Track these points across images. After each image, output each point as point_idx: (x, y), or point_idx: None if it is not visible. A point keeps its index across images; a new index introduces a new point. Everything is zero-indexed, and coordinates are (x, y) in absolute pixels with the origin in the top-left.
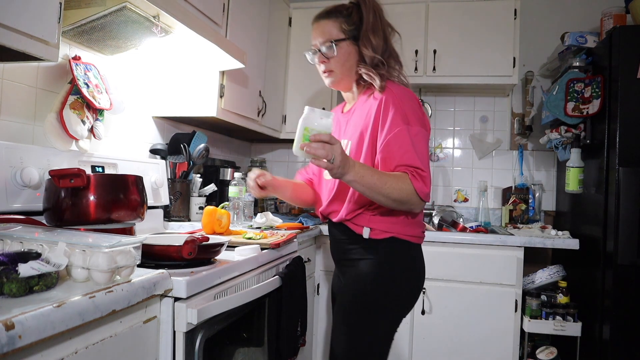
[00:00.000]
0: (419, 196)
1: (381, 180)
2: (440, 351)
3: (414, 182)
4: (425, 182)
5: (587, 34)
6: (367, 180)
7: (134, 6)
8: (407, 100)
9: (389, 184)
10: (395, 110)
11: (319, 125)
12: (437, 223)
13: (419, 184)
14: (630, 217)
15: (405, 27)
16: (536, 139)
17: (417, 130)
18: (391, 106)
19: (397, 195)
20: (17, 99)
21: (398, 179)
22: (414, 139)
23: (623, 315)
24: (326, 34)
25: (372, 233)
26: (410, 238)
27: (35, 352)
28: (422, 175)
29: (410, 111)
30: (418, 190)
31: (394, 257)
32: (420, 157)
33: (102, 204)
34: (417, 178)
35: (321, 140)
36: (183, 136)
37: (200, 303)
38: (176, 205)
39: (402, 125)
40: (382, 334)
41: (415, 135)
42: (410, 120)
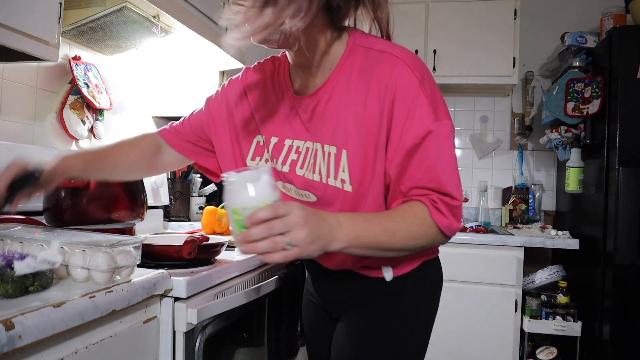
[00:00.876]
0: (444, 234)
1: (387, 233)
2: (440, 351)
3: (438, 219)
4: (455, 214)
5: (587, 34)
6: (364, 241)
7: (134, 6)
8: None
9: (401, 234)
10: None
11: (250, 199)
12: None
13: (446, 221)
14: (630, 217)
15: (405, 27)
16: (536, 139)
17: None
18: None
19: (415, 244)
20: (17, 99)
21: (413, 220)
22: (441, 145)
23: (623, 315)
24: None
25: (397, 270)
26: (435, 254)
27: (35, 352)
28: (452, 205)
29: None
30: (444, 229)
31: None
32: (450, 175)
33: (102, 204)
34: (443, 211)
35: (259, 219)
36: None
37: (200, 303)
38: (176, 205)
39: (429, 123)
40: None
41: (444, 138)
42: (439, 111)
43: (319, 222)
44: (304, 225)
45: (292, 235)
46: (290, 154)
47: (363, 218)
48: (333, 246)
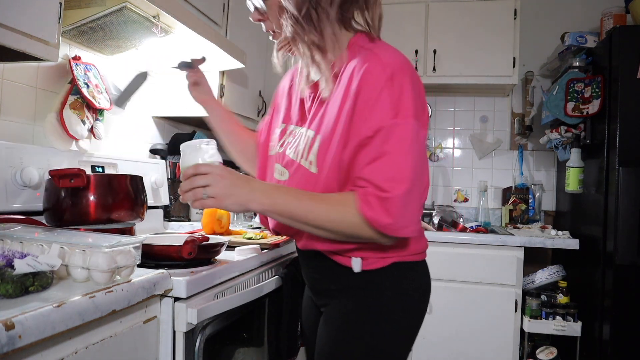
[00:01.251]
0: (375, 229)
1: (302, 208)
2: (440, 351)
3: (363, 210)
4: (387, 208)
5: (587, 34)
6: (280, 208)
7: (134, 6)
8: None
9: (318, 213)
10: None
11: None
12: (437, 223)
13: (372, 213)
14: (630, 217)
15: (405, 27)
16: (536, 139)
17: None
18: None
19: (337, 228)
20: (17, 99)
21: (336, 205)
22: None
23: (623, 315)
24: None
25: (366, 263)
26: (416, 257)
27: (35, 352)
28: (383, 198)
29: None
30: (371, 221)
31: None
32: (397, 171)
33: (102, 204)
34: (372, 203)
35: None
36: (183, 136)
37: (200, 303)
38: (176, 205)
39: (387, 119)
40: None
41: (398, 135)
42: (403, 109)
43: (237, 182)
44: (220, 180)
45: (210, 188)
46: (288, 137)
47: (286, 190)
48: (252, 205)
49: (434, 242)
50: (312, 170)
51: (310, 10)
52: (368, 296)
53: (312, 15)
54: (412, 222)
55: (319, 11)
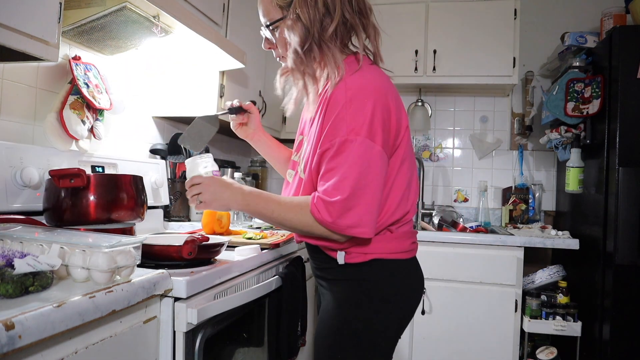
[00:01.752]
0: (324, 227)
1: (267, 208)
2: (440, 351)
3: (314, 212)
4: (330, 210)
5: (587, 34)
6: (252, 208)
7: (134, 6)
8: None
9: (277, 213)
10: (339, 112)
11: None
12: (437, 223)
13: (318, 214)
14: (630, 217)
15: (405, 27)
16: (536, 139)
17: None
18: (336, 106)
19: (293, 225)
20: (17, 99)
21: (292, 207)
22: (347, 157)
23: (623, 315)
24: (265, 14)
25: (349, 257)
26: (397, 255)
27: (35, 352)
28: (327, 202)
29: (362, 114)
30: (317, 219)
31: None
32: (341, 179)
33: (102, 204)
34: (319, 206)
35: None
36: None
37: (200, 303)
38: (176, 205)
39: (342, 133)
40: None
41: (354, 149)
42: (356, 127)
43: (220, 189)
44: (207, 189)
45: (201, 195)
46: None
47: (258, 193)
48: (232, 206)
49: (434, 242)
50: (301, 175)
51: (313, 45)
52: (353, 287)
53: (314, 50)
54: (361, 223)
55: (323, 47)
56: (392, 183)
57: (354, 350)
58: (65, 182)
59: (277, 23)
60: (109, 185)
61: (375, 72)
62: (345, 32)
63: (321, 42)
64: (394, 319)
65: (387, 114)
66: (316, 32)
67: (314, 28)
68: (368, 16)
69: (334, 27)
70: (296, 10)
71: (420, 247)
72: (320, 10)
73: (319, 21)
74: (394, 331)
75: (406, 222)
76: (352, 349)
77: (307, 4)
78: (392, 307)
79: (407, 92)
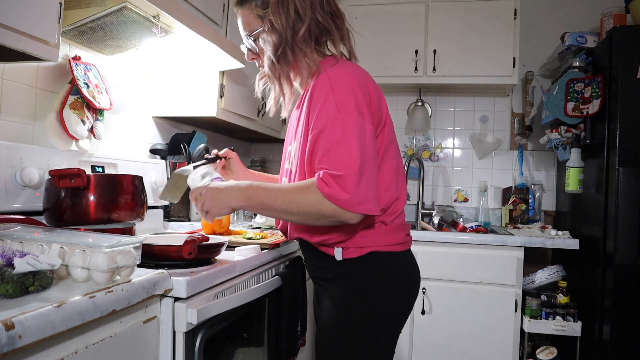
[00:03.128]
0: (334, 204)
1: (271, 197)
2: (440, 351)
3: (322, 188)
4: (341, 184)
5: (587, 34)
6: (254, 201)
7: (134, 6)
8: (342, 83)
9: (282, 198)
10: (325, 97)
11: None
12: (437, 223)
13: (328, 189)
14: (630, 217)
15: (405, 27)
16: (536, 139)
17: (352, 119)
18: (321, 93)
19: (301, 209)
20: (17, 99)
21: (297, 189)
22: (344, 133)
23: (623, 315)
24: (245, 27)
25: (346, 252)
26: (393, 247)
27: (35, 352)
28: (336, 175)
29: (348, 96)
30: (329, 197)
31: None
32: (343, 155)
33: (102, 204)
34: (328, 181)
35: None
36: (183, 136)
37: (200, 303)
38: (176, 205)
39: (332, 115)
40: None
41: (347, 126)
42: (345, 107)
43: (218, 194)
44: (207, 199)
45: (204, 206)
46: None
47: (257, 185)
48: (233, 205)
49: (434, 242)
50: (291, 168)
51: (287, 50)
52: (352, 283)
53: (287, 54)
54: (367, 199)
55: (296, 50)
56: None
57: (357, 346)
58: (65, 182)
59: (257, 32)
60: (109, 185)
61: (353, 65)
62: (319, 33)
63: (294, 46)
64: (394, 312)
65: (369, 97)
66: (289, 37)
67: (286, 33)
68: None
69: (305, 30)
70: (270, 18)
71: (420, 247)
72: (291, 16)
73: (290, 27)
74: (394, 324)
75: (399, 212)
76: (356, 345)
77: (279, 12)
78: (392, 300)
79: (407, 92)
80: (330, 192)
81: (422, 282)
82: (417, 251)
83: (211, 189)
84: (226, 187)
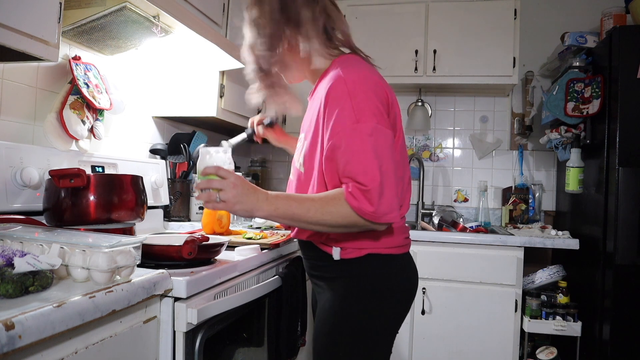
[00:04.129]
0: (363, 218)
1: (302, 208)
2: (440, 351)
3: (351, 202)
4: (369, 198)
5: (587, 34)
6: (283, 211)
7: (134, 6)
8: (361, 89)
9: (315, 210)
10: (343, 105)
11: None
12: (437, 223)
13: (357, 203)
14: (630, 217)
15: (405, 27)
16: (536, 139)
17: (370, 128)
18: (338, 99)
19: (334, 220)
20: (17, 99)
21: (329, 200)
22: (363, 142)
23: (623, 315)
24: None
25: (344, 252)
26: (391, 250)
27: (35, 352)
28: (364, 190)
29: (365, 102)
30: (357, 211)
31: (373, 278)
32: (366, 167)
33: (102, 204)
34: (356, 195)
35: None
36: (183, 136)
37: (200, 303)
38: (176, 205)
39: (350, 123)
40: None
41: (366, 136)
42: (364, 115)
43: (247, 192)
44: (233, 188)
45: (223, 193)
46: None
47: (286, 196)
48: (257, 213)
49: (434, 242)
50: (300, 169)
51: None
52: (349, 284)
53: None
54: (390, 209)
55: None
56: None
57: (354, 346)
58: (65, 182)
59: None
60: (109, 185)
61: (369, 68)
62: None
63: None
64: (391, 314)
65: (386, 102)
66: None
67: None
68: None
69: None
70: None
71: (420, 247)
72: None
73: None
74: (391, 326)
75: (401, 216)
76: (352, 346)
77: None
78: (389, 302)
79: (407, 92)
80: (359, 206)
81: (422, 282)
82: (417, 251)
83: (245, 182)
84: (257, 191)
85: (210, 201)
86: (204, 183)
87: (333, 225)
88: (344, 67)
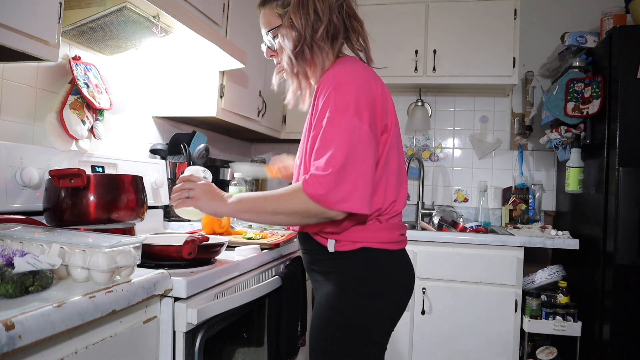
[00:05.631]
0: (314, 202)
1: (262, 199)
2: (440, 351)
3: (304, 188)
4: (322, 183)
5: (587, 34)
6: (244, 204)
7: (134, 6)
8: (346, 82)
9: (272, 199)
10: (327, 96)
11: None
12: (437, 223)
13: (309, 189)
14: (630, 217)
15: (405, 27)
16: (536, 139)
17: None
18: (323, 92)
19: (289, 208)
20: (17, 99)
21: (287, 190)
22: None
23: (623, 315)
24: (266, 24)
25: (338, 245)
26: (386, 245)
27: (35, 352)
28: (319, 175)
29: (348, 96)
30: (310, 196)
31: (367, 272)
32: (331, 154)
33: (102, 204)
34: (310, 181)
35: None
36: (183, 136)
37: (200, 303)
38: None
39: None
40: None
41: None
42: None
43: (212, 190)
44: (201, 188)
45: (191, 191)
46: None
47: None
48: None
49: (434, 242)
50: (296, 161)
51: (305, 48)
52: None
53: (305, 52)
54: (351, 198)
55: (314, 48)
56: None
57: (347, 341)
58: (65, 182)
59: (276, 30)
60: (109, 185)
61: (363, 66)
62: (336, 33)
63: (312, 44)
64: (385, 309)
65: (372, 99)
66: (308, 36)
67: (305, 31)
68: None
69: (323, 30)
70: (290, 17)
71: (421, 247)
72: (310, 15)
73: (310, 25)
74: (386, 321)
75: (396, 213)
76: (345, 340)
77: (299, 11)
78: (383, 297)
79: (407, 92)
80: (311, 192)
81: (422, 282)
82: (417, 251)
83: (209, 187)
84: (221, 194)
85: (180, 198)
86: (177, 186)
87: (289, 214)
88: (338, 64)
